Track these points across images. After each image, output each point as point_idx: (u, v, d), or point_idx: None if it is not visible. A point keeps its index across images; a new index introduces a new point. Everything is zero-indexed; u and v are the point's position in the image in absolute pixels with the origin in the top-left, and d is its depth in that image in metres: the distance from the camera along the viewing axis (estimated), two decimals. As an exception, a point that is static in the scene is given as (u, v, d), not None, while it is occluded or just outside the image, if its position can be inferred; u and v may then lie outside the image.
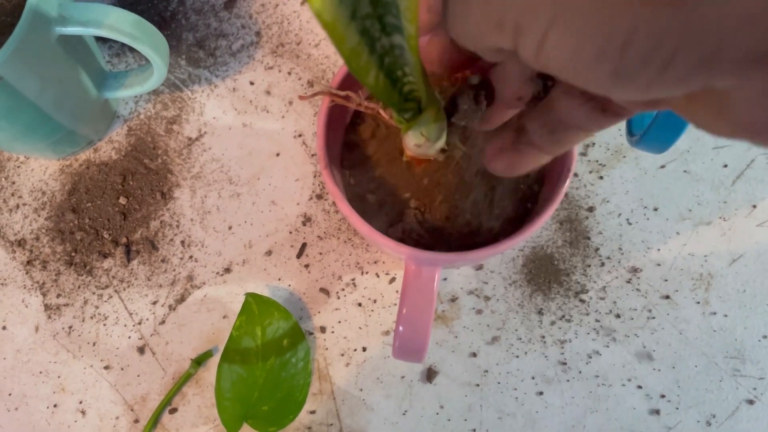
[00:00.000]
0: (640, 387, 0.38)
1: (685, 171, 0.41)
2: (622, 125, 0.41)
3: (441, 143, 0.28)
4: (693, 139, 0.41)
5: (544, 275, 0.40)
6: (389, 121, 0.27)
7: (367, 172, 0.32)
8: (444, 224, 0.31)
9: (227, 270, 0.40)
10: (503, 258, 0.40)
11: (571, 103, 0.20)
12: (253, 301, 0.38)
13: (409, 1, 0.18)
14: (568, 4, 0.14)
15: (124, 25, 0.32)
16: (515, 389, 0.38)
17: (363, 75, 0.20)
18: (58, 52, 0.33)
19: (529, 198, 0.31)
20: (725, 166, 0.41)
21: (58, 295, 0.40)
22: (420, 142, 0.26)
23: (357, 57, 0.19)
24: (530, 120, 0.22)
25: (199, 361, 0.38)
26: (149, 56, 0.34)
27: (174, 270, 0.40)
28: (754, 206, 0.40)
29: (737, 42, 0.12)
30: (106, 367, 0.39)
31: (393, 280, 0.40)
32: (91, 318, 0.40)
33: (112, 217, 0.41)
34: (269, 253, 0.41)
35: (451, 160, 0.31)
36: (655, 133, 0.33)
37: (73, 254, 0.41)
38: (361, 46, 0.19)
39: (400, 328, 0.29)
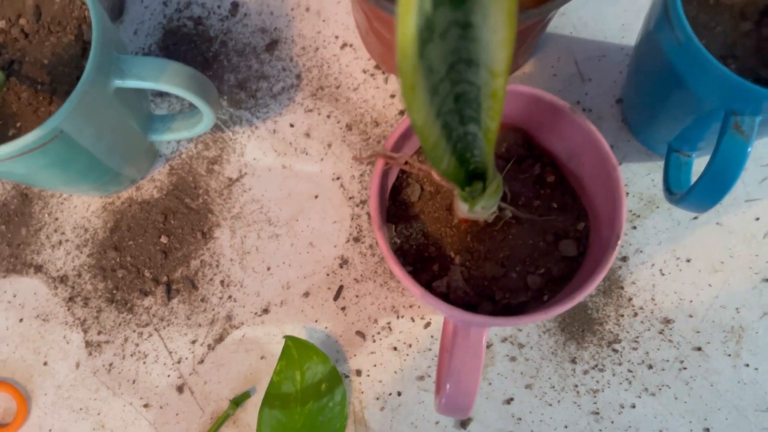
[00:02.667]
0: (672, 439, 0.38)
1: (717, 223, 0.41)
2: (655, 177, 0.42)
3: (494, 209, 0.29)
4: (726, 191, 0.42)
5: (578, 324, 0.40)
6: (439, 181, 0.28)
7: (413, 227, 0.33)
8: (489, 282, 0.32)
9: (265, 311, 0.41)
10: (538, 306, 0.40)
11: None
12: (292, 345, 0.38)
13: (494, 101, 0.18)
14: None
15: (181, 80, 0.33)
16: (548, 438, 0.39)
17: (438, 162, 0.21)
18: (114, 103, 0.34)
19: (574, 258, 0.32)
20: (757, 219, 0.41)
21: (99, 332, 0.41)
22: (478, 210, 0.27)
23: (437, 148, 0.20)
24: None
25: (238, 402, 0.39)
26: (201, 108, 0.35)
27: (213, 309, 0.41)
28: (786, 260, 0.41)
29: None
30: (146, 405, 0.40)
31: (428, 324, 0.41)
32: (131, 356, 0.41)
33: (153, 255, 0.42)
34: (307, 294, 0.41)
35: (499, 220, 0.32)
36: (698, 194, 0.33)
37: (114, 291, 0.41)
38: (441, 138, 0.20)
39: (447, 386, 0.30)
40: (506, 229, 0.32)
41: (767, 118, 0.31)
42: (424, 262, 0.33)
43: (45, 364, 0.41)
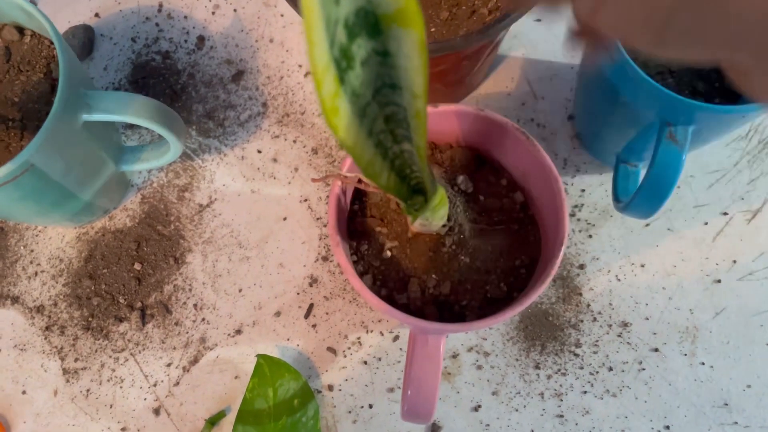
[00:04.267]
0: (633, 437, 0.40)
1: (668, 229, 0.43)
2: (608, 188, 0.44)
3: (443, 221, 0.31)
4: (674, 198, 0.44)
5: (540, 331, 0.42)
6: (394, 198, 0.30)
7: (372, 243, 0.34)
8: (447, 291, 0.33)
9: (238, 331, 0.42)
10: (501, 315, 0.42)
11: None
12: (264, 363, 0.40)
13: (418, 120, 0.20)
14: None
15: (146, 112, 0.35)
16: (516, 442, 0.40)
17: (377, 178, 0.23)
18: (83, 136, 0.35)
19: (526, 266, 0.34)
20: (706, 223, 0.43)
21: (76, 359, 0.42)
22: (425, 222, 0.29)
23: (373, 165, 0.22)
24: None
25: (213, 422, 0.40)
26: (168, 138, 0.37)
27: (187, 332, 0.42)
28: (735, 261, 0.43)
29: (756, 34, 0.15)
30: (123, 429, 0.41)
31: (397, 338, 0.42)
32: (108, 381, 0.42)
33: (127, 282, 0.43)
34: (278, 314, 0.43)
35: (452, 232, 0.33)
36: (640, 201, 0.35)
37: (90, 319, 0.42)
38: (376, 156, 0.22)
39: (409, 392, 0.31)
40: (460, 241, 0.34)
41: (701, 127, 0.34)
42: (386, 275, 0.34)
43: (23, 392, 0.42)
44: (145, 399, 0.41)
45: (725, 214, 0.44)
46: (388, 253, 0.34)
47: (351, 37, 0.17)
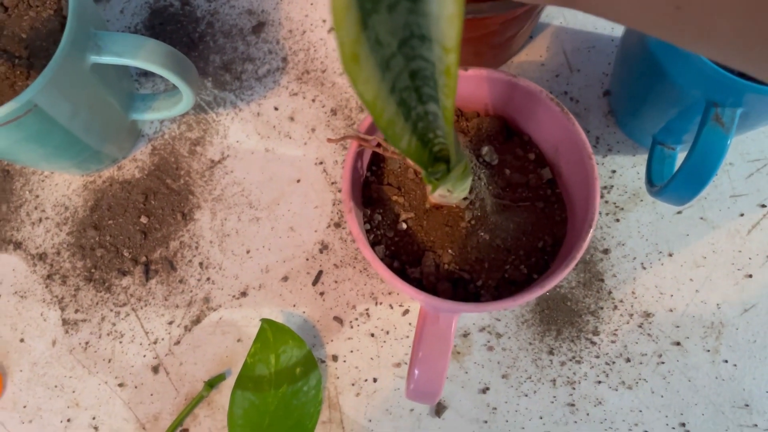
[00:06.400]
0: (646, 433, 0.38)
1: (701, 218, 0.41)
2: (641, 170, 0.42)
3: (465, 193, 0.29)
4: (710, 186, 0.41)
5: (557, 315, 0.40)
6: (414, 166, 0.28)
7: (387, 212, 0.33)
8: (463, 268, 0.31)
9: (243, 294, 0.41)
10: (517, 296, 0.40)
11: None
12: (268, 328, 0.38)
13: (448, 78, 0.18)
14: None
15: (158, 57, 0.33)
16: (522, 428, 0.39)
17: (397, 141, 0.21)
18: (91, 79, 0.34)
19: (549, 247, 0.32)
20: (742, 215, 0.41)
21: (77, 311, 0.41)
22: (445, 194, 0.27)
23: (393, 126, 0.20)
24: None
25: (212, 384, 0.39)
26: (180, 87, 0.35)
27: (191, 291, 0.41)
28: (769, 257, 0.40)
29: None
30: (120, 385, 0.40)
31: (407, 312, 0.40)
32: (108, 335, 0.41)
33: (132, 235, 0.41)
34: (285, 278, 0.41)
35: (473, 206, 0.31)
36: (676, 186, 0.33)
37: (92, 270, 0.41)
38: (398, 115, 0.20)
39: (416, 371, 0.29)
40: (481, 216, 0.32)
41: (749, 110, 0.31)
42: (400, 247, 0.33)
43: (21, 340, 0.41)
44: (144, 356, 0.40)
45: (763, 206, 0.41)
46: (404, 225, 0.32)
47: None
